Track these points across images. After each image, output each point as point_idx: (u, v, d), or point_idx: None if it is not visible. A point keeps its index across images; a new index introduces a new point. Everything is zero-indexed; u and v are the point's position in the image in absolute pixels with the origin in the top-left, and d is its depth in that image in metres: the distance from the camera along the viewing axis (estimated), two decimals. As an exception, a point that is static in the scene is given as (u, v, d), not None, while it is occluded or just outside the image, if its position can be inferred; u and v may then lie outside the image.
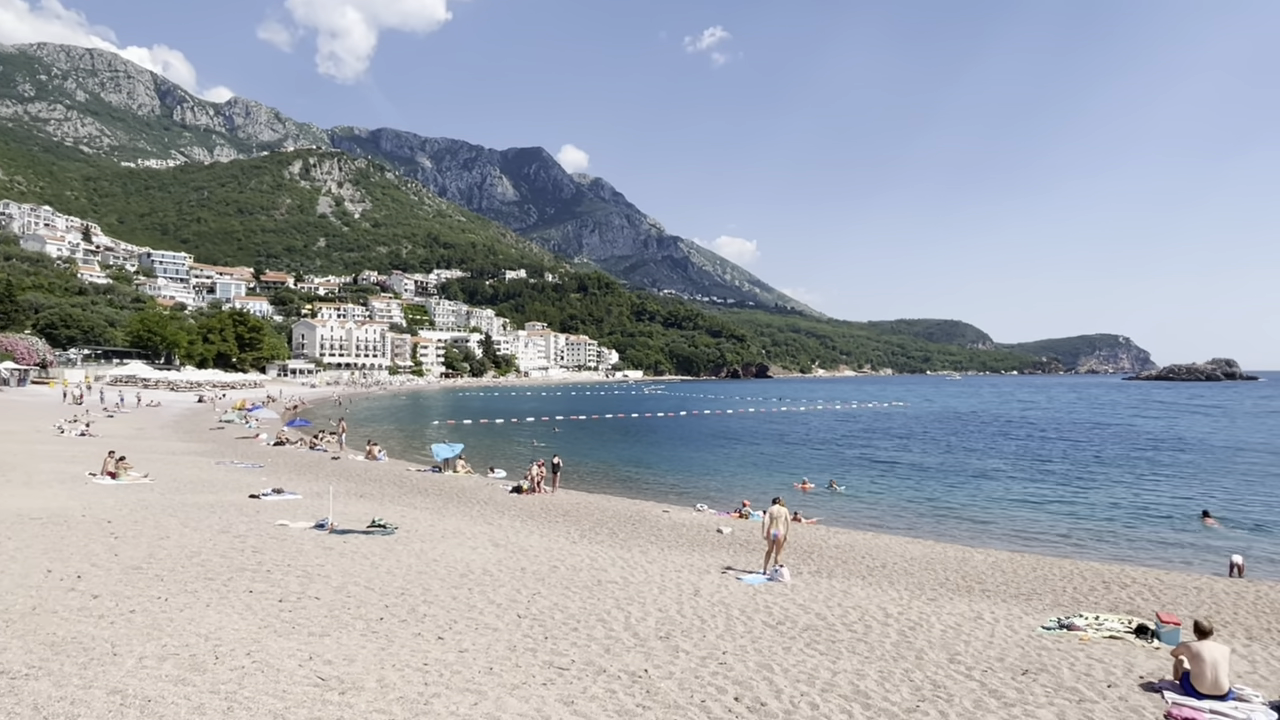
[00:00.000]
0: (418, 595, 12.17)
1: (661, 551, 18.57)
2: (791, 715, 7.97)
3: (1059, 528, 25.84)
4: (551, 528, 21.51)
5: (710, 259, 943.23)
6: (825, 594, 14.44)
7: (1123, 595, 15.96)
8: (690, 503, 29.07)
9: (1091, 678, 9.82)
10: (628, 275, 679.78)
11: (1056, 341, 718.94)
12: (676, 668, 9.30)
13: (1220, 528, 25.73)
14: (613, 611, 11.97)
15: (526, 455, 43.52)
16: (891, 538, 22.86)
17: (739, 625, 11.63)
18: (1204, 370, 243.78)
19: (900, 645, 10.99)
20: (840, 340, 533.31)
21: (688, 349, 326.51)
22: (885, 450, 51.24)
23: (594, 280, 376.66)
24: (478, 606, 11.74)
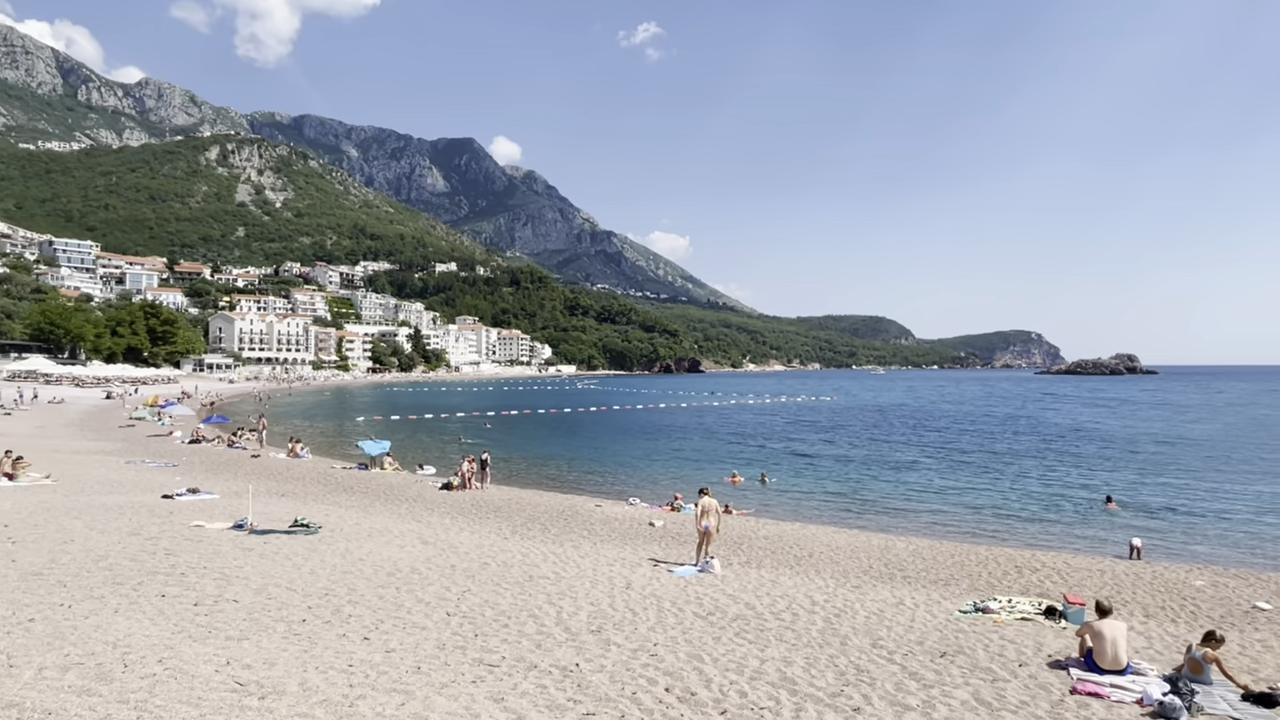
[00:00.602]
0: (343, 595, 11.86)
1: (594, 546, 18.59)
2: (721, 704, 8.10)
3: (975, 516, 26.93)
4: (482, 524, 21.26)
5: (644, 254, 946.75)
6: (754, 584, 14.70)
7: (1033, 579, 16.75)
8: (623, 497, 29.17)
9: (1004, 658, 10.29)
10: (561, 269, 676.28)
11: (974, 337, 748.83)
12: (608, 661, 9.33)
13: (1121, 512, 27.30)
14: (544, 607, 11.92)
15: (456, 451, 42.88)
16: (818, 528, 23.43)
17: (670, 617, 11.74)
18: (1108, 365, 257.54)
19: (826, 632, 11.29)
20: (770, 336, 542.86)
21: (621, 344, 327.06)
22: (813, 443, 52.45)
23: (527, 274, 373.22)
24: (405, 605, 11.53)
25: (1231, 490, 31.70)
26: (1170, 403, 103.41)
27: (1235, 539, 23.11)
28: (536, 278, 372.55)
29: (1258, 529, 24.41)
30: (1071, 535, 23.85)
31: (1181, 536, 23.47)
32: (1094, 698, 8.71)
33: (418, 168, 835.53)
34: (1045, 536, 23.68)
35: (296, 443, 38.82)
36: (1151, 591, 15.85)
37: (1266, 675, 9.91)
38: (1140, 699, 8.56)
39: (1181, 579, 16.96)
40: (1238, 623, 13.49)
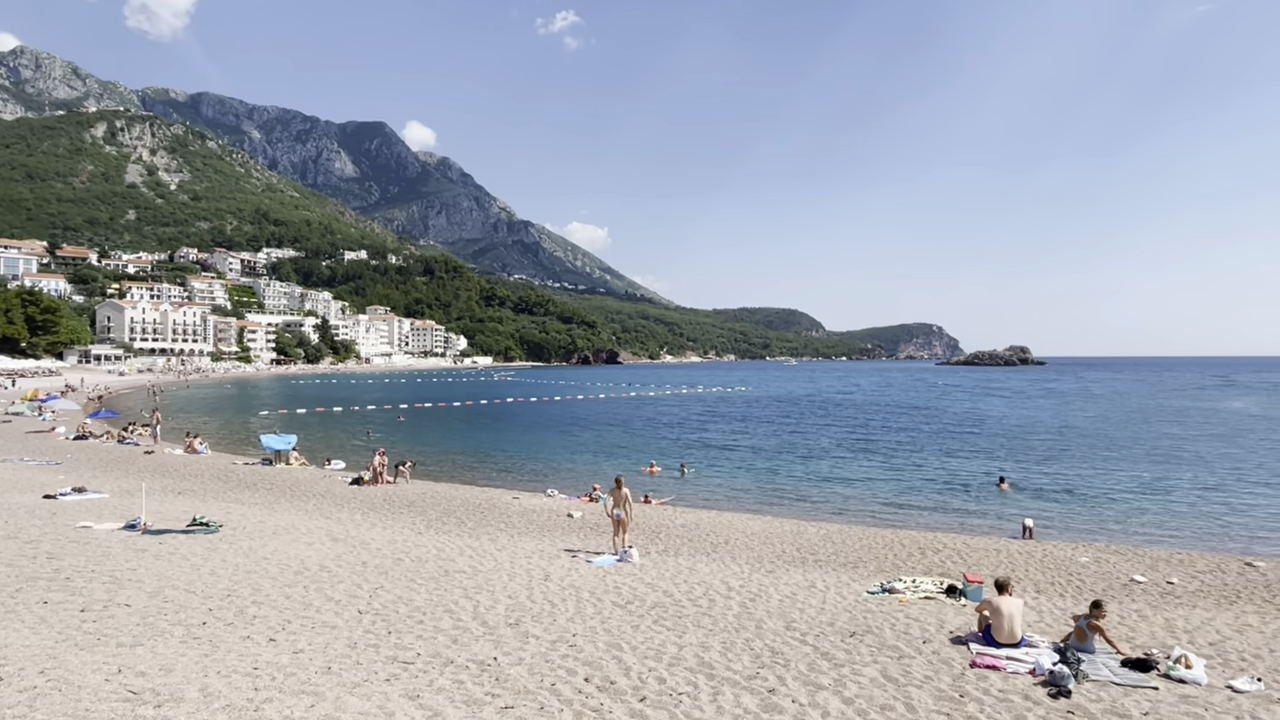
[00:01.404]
0: (246, 596, 11.36)
1: (511, 538, 18.41)
2: (640, 691, 8.16)
3: (881, 500, 28.03)
4: (396, 519, 20.74)
5: (562, 245, 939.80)
6: (672, 572, 14.87)
7: (935, 559, 17.56)
8: (540, 489, 28.98)
9: (909, 635, 10.75)
10: (477, 259, 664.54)
11: (880, 330, 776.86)
12: (526, 653, 9.26)
13: (1013, 493, 28.95)
14: (461, 601, 11.73)
15: (367, 446, 41.67)
16: (734, 515, 23.89)
17: (589, 607, 11.74)
18: (1003, 356, 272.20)
19: (741, 616, 11.52)
20: (687, 327, 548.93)
21: (539, 335, 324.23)
22: (729, 432, 53.41)
23: (441, 263, 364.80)
24: (314, 604, 11.13)
25: (1112, 473, 34.02)
26: (1054, 392, 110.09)
27: (1115, 518, 24.82)
28: (451, 267, 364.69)
29: (1135, 508, 26.29)
30: (969, 517, 25.12)
31: (1068, 516, 25.03)
32: (992, 670, 9.20)
33: (325, 151, 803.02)
34: (946, 519, 24.86)
35: (194, 438, 36.89)
36: (1042, 568, 16.86)
37: (1142, 642, 10.69)
38: (1033, 669, 9.10)
39: (1069, 556, 18.10)
40: (1117, 595, 14.50)
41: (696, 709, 7.72)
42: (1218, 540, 21.60)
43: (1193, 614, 12.76)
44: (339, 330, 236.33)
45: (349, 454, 38.03)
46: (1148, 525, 23.73)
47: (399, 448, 39.98)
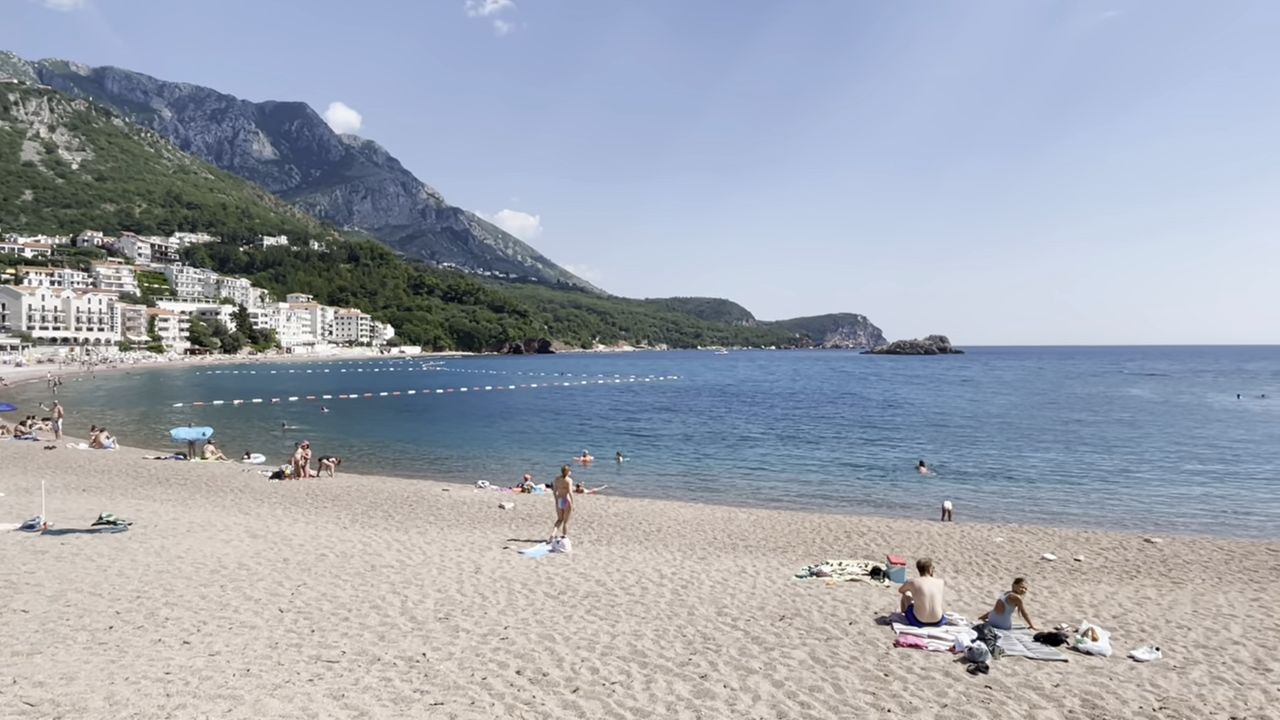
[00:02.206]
0: (158, 598, 10.82)
1: (441, 531, 18.08)
2: (573, 682, 8.11)
3: (809, 485, 28.69)
4: (319, 514, 20.10)
5: (492, 233, 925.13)
6: (605, 561, 14.85)
7: (860, 542, 18.06)
8: (471, 480, 28.57)
9: (837, 617, 11.01)
10: (404, 246, 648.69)
11: (808, 319, 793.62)
12: (457, 648, 9.09)
13: (932, 476, 30.08)
14: (388, 597, 11.44)
15: (284, 439, 40.32)
16: (666, 503, 24.04)
17: (521, 599, 11.62)
18: (923, 345, 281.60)
19: (674, 604, 11.59)
20: (620, 317, 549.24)
21: (469, 324, 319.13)
22: (661, 421, 53.72)
23: (367, 250, 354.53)
24: (232, 604, 10.69)
25: (1024, 457, 35.65)
26: (967, 380, 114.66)
27: (1027, 499, 26.03)
28: (377, 254, 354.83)
29: (1045, 490, 27.62)
30: (892, 501, 25.95)
31: (984, 499, 26.13)
32: (915, 649, 9.50)
33: (242, 132, 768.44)
34: (870, 503, 25.62)
35: (100, 431, 34.94)
36: (960, 549, 17.53)
37: (1053, 617, 11.22)
38: (953, 646, 9.44)
39: (985, 537, 18.87)
40: (1030, 573, 15.18)
41: (630, 698, 7.72)
42: (1120, 519, 22.88)
43: (1098, 589, 13.47)
44: (258, 319, 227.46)
45: (269, 447, 36.68)
46: (1057, 506, 24.96)
47: (324, 440, 38.79)
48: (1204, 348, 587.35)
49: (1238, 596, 12.92)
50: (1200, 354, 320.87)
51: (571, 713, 7.33)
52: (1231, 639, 10.15)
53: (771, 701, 7.69)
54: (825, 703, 7.69)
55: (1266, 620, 11.21)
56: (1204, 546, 17.76)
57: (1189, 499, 25.81)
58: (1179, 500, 25.63)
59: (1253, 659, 9.28)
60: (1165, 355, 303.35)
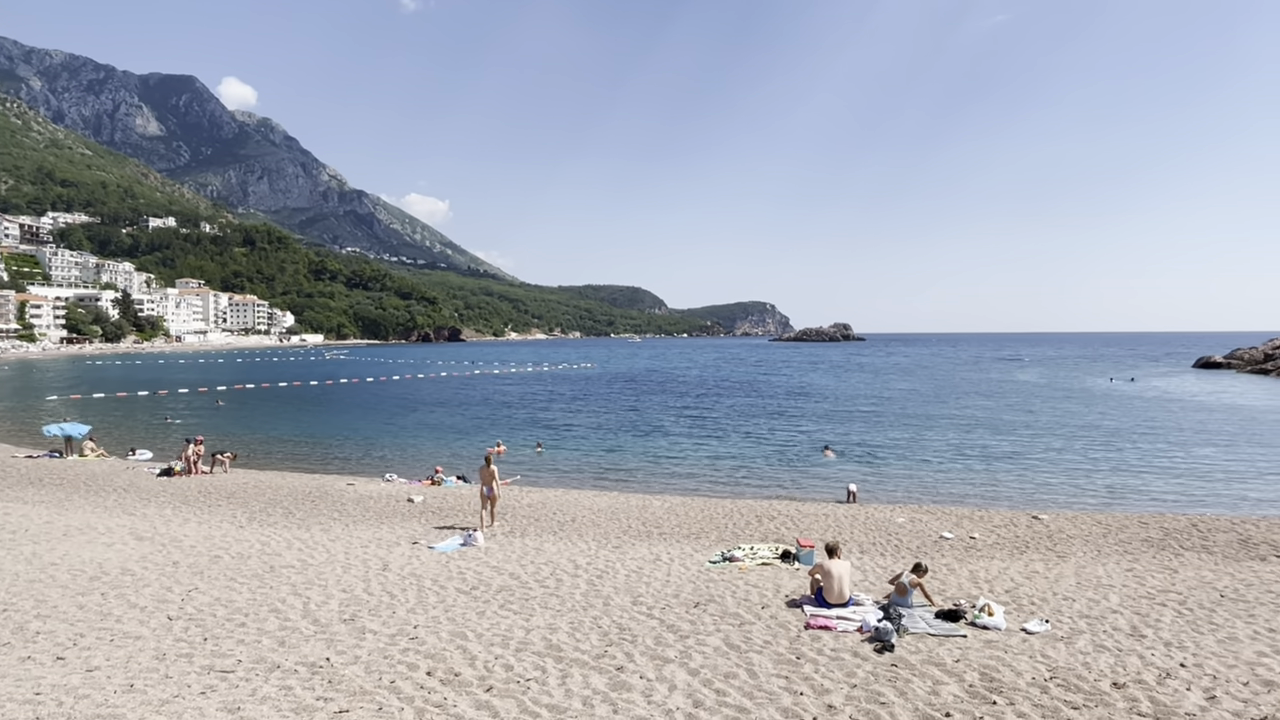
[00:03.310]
0: (28, 610, 9.97)
1: (346, 528, 17.41)
2: (486, 680, 7.92)
3: (720, 471, 29.14)
4: (213, 513, 19.04)
5: (399, 217, 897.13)
6: (519, 553, 14.64)
7: (771, 526, 18.45)
8: (378, 473, 27.67)
9: (749, 602, 11.19)
10: (304, 230, 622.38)
11: (719, 308, 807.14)
12: (363, 650, 8.74)
13: (837, 459, 31.11)
14: (289, 599, 10.91)
15: (168, 433, 38.07)
16: (580, 493, 23.94)
17: (431, 596, 11.30)
18: (828, 332, 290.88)
19: (589, 594, 11.52)
20: (532, 304, 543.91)
21: (375, 311, 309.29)
22: (575, 410, 53.49)
23: (264, 233, 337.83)
24: (114, 613, 9.95)
25: (923, 440, 37.28)
26: (865, 365, 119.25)
27: (927, 480, 27.22)
28: (275, 238, 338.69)
29: (943, 472, 28.95)
30: (800, 484, 26.66)
31: (887, 481, 27.16)
32: (824, 630, 9.75)
33: (124, 105, 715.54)
34: (779, 487, 26.23)
35: (-39, 429, 32.02)
36: (865, 530, 18.15)
37: (951, 594, 11.74)
38: (860, 627, 9.74)
39: (888, 517, 19.60)
40: (929, 551, 15.87)
41: (545, 694, 7.60)
42: (1010, 498, 24.22)
43: (992, 565, 14.19)
44: (144, 305, 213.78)
45: (157, 442, 34.51)
46: (953, 487, 26.21)
47: (219, 434, 36.76)
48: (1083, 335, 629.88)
49: (1114, 567, 13.86)
50: (1078, 340, 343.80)
51: (485, 713, 7.15)
52: (1110, 608, 10.87)
53: (688, 690, 7.71)
54: (740, 689, 7.77)
55: (1140, 589, 12.06)
56: (1084, 521, 18.99)
57: (1071, 477, 27.57)
58: (1062, 478, 27.34)
59: (1129, 626, 9.95)
60: (1046, 341, 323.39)
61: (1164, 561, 14.44)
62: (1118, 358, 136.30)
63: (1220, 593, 11.74)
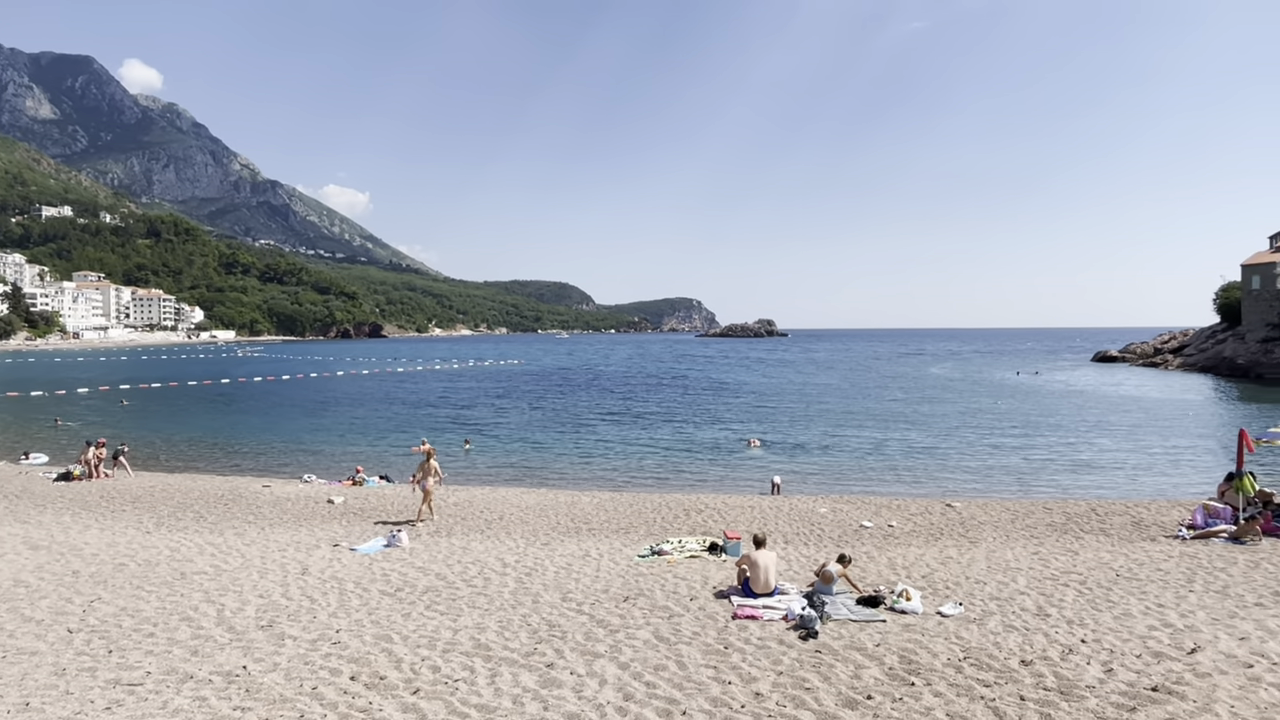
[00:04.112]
0: (-93, 628, 9.24)
1: (262, 531, 16.78)
2: (413, 683, 7.77)
3: (648, 466, 29.35)
4: (117, 519, 18.05)
5: (316, 209, 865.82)
6: (445, 553, 14.40)
7: (699, 519, 18.68)
8: (296, 474, 26.76)
9: (678, 594, 11.31)
10: (214, 221, 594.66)
11: (646, 303, 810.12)
12: (283, 657, 8.45)
13: (761, 452, 31.77)
14: (201, 606, 10.45)
15: (67, 435, 35.89)
16: (508, 490, 23.71)
17: (354, 599, 11.01)
18: (753, 328, 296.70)
19: (518, 592, 11.43)
20: (458, 300, 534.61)
21: (291, 307, 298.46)
22: (501, 407, 52.90)
23: (170, 224, 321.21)
24: (6, 628, 9.35)
25: (844, 432, 38.40)
26: (790, 361, 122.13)
27: (848, 472, 28.06)
28: (183, 229, 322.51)
29: (863, 462, 29.89)
30: (727, 477, 27.10)
31: (809, 472, 27.87)
32: (751, 620, 9.94)
33: (11, 85, 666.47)
34: (706, 480, 26.60)
35: None
36: (789, 521, 18.58)
37: (871, 580, 12.14)
38: (786, 615, 9.97)
39: (810, 508, 20.12)
40: (850, 540, 16.37)
41: (474, 694, 7.51)
42: (925, 486, 25.20)
43: (909, 551, 14.74)
44: (37, 299, 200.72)
45: (53, 446, 32.48)
46: (872, 477, 27.11)
47: (123, 436, 34.82)
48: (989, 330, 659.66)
49: (1022, 551, 14.59)
50: (985, 336, 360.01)
51: (412, 716, 7.02)
52: (1018, 590, 11.45)
53: (618, 684, 7.75)
54: (670, 680, 7.86)
55: (1045, 571, 12.74)
56: (994, 508, 19.93)
57: (982, 466, 28.88)
58: (974, 468, 28.61)
59: (1035, 607, 10.50)
60: (956, 337, 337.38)
61: (1066, 544, 15.29)
62: (1022, 352, 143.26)
63: (1116, 572, 12.51)
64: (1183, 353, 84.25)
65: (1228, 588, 11.39)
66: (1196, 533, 15.61)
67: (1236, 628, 9.34)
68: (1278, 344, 68.03)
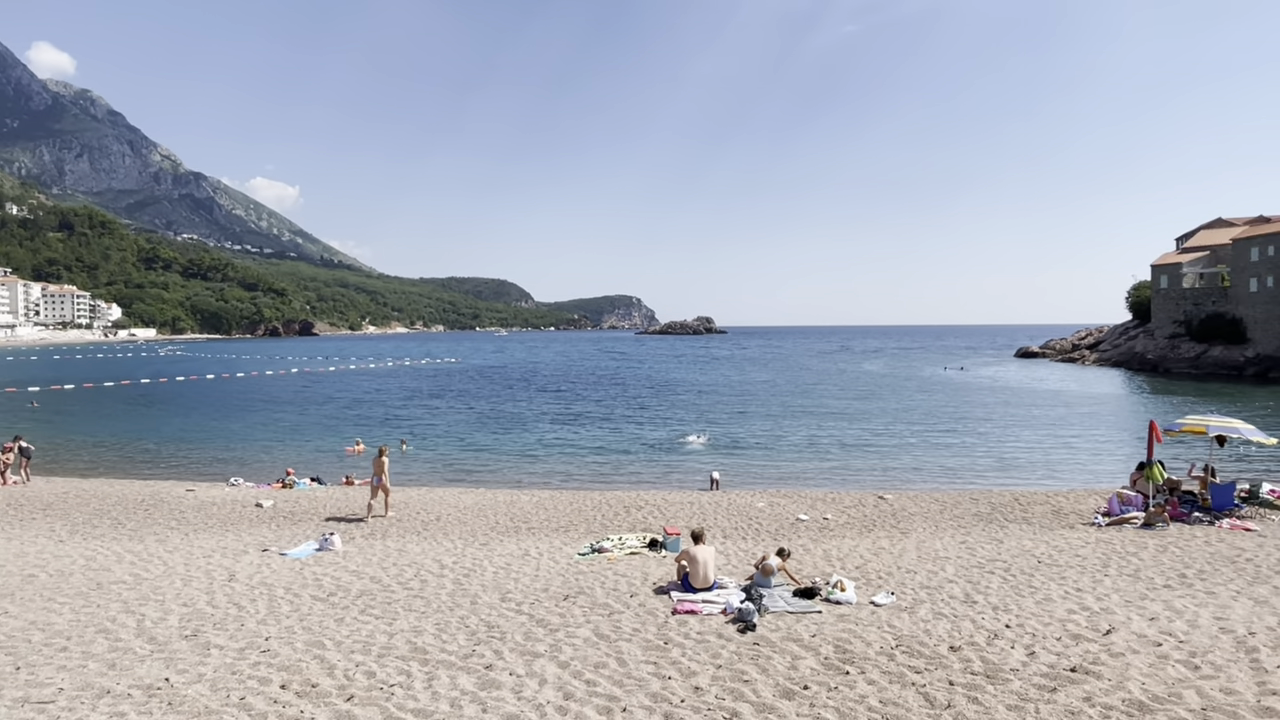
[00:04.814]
0: None
1: (186, 537, 16.12)
2: (347, 689, 7.58)
3: (589, 464, 29.29)
4: (26, 527, 17.10)
5: (243, 203, 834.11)
6: (380, 556, 14.09)
7: (639, 516, 18.74)
8: (222, 477, 25.79)
9: (618, 591, 11.32)
10: (133, 214, 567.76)
11: (586, 301, 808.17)
12: (208, 668, 8.14)
13: (701, 446, 32.10)
14: (120, 617, 9.98)
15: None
16: (445, 490, 23.34)
17: (285, 605, 10.67)
18: (692, 326, 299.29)
19: (456, 594, 11.26)
20: (393, 296, 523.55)
21: (216, 304, 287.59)
22: (438, 406, 52.03)
23: (84, 217, 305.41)
24: (-99, 647, 8.73)
25: (781, 428, 39.05)
26: (723, 358, 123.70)
27: (784, 466, 28.55)
28: (99, 222, 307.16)
29: (799, 457, 30.47)
30: (666, 473, 27.26)
31: (747, 467, 28.25)
32: (690, 614, 10.02)
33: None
34: (646, 477, 26.71)
35: None
36: (728, 515, 18.80)
37: (807, 573, 12.39)
38: (724, 609, 10.09)
39: (749, 503, 20.40)
40: (787, 533, 16.66)
41: (410, 698, 7.37)
42: (859, 479, 25.84)
43: (843, 543, 15.09)
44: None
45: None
46: (808, 471, 27.65)
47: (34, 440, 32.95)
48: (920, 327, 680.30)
49: (950, 541, 15.10)
50: (915, 333, 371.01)
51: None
52: (947, 579, 11.84)
53: (558, 684, 7.71)
54: (610, 678, 7.86)
55: (971, 559, 13.21)
56: (924, 500, 20.57)
57: (912, 459, 29.75)
58: (905, 460, 29.46)
59: (963, 594, 10.88)
60: (887, 334, 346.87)
61: (991, 533, 15.89)
62: (948, 349, 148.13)
63: (1038, 559, 13.06)
64: (1098, 348, 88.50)
65: (1139, 571, 12.01)
66: (1111, 520, 16.42)
67: (1147, 609, 9.86)
68: (1183, 340, 72.07)
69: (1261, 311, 64.85)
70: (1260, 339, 64.55)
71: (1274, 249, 64.24)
